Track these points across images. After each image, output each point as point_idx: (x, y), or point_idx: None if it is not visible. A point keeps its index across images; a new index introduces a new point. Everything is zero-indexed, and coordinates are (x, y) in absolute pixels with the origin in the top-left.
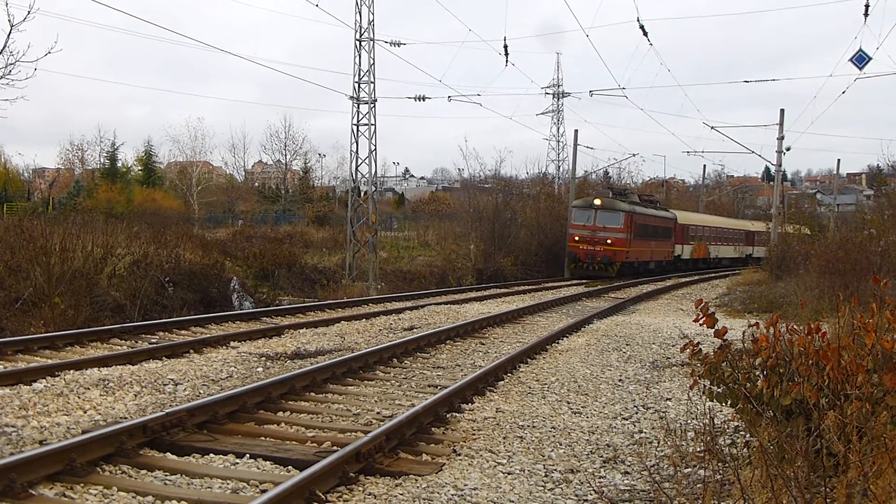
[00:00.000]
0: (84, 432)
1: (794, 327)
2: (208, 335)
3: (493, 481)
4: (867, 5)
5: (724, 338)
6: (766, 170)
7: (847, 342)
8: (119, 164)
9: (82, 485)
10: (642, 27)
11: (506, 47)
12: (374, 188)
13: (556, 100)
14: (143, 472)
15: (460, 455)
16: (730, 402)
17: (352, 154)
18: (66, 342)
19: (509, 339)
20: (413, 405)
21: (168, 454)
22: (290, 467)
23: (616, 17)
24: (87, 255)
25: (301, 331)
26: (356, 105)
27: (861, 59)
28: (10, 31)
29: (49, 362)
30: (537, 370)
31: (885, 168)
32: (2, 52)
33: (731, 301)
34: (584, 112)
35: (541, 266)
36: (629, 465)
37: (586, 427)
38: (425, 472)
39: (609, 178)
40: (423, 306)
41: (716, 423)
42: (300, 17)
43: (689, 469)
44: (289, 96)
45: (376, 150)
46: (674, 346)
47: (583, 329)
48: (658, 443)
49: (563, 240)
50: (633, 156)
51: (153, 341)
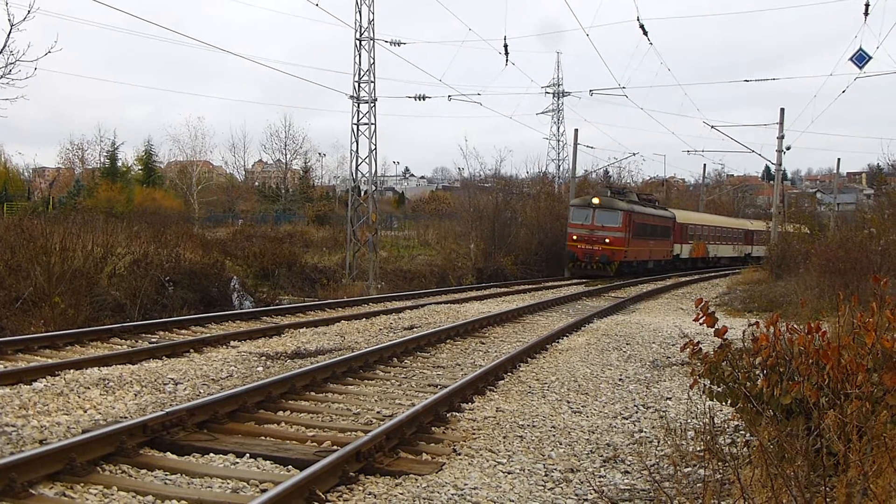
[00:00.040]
0: (84, 432)
1: (794, 326)
2: (208, 334)
3: (494, 481)
4: (867, 5)
5: (724, 337)
6: (767, 169)
7: (847, 341)
8: (119, 164)
9: (82, 484)
10: (642, 26)
11: (506, 46)
12: (374, 187)
13: (556, 99)
14: (143, 471)
15: (460, 454)
16: (730, 402)
17: (352, 153)
18: (66, 341)
19: (509, 339)
20: (413, 404)
21: (168, 454)
22: (290, 467)
23: (616, 17)
24: (88, 254)
25: (301, 330)
26: (356, 104)
27: (861, 59)
28: (10, 31)
29: (49, 362)
30: (537, 369)
31: (885, 167)
32: (2, 52)
33: (731, 300)
34: (584, 111)
35: (541, 265)
36: (629, 465)
37: (586, 426)
38: (425, 471)
39: (609, 178)
40: (423, 305)
41: (716, 422)
42: (300, 17)
43: (689, 468)
44: (289, 96)
45: (376, 149)
46: (674, 345)
47: (583, 328)
48: (658, 442)
49: (564, 239)
50: (634, 155)
51: (153, 341)
